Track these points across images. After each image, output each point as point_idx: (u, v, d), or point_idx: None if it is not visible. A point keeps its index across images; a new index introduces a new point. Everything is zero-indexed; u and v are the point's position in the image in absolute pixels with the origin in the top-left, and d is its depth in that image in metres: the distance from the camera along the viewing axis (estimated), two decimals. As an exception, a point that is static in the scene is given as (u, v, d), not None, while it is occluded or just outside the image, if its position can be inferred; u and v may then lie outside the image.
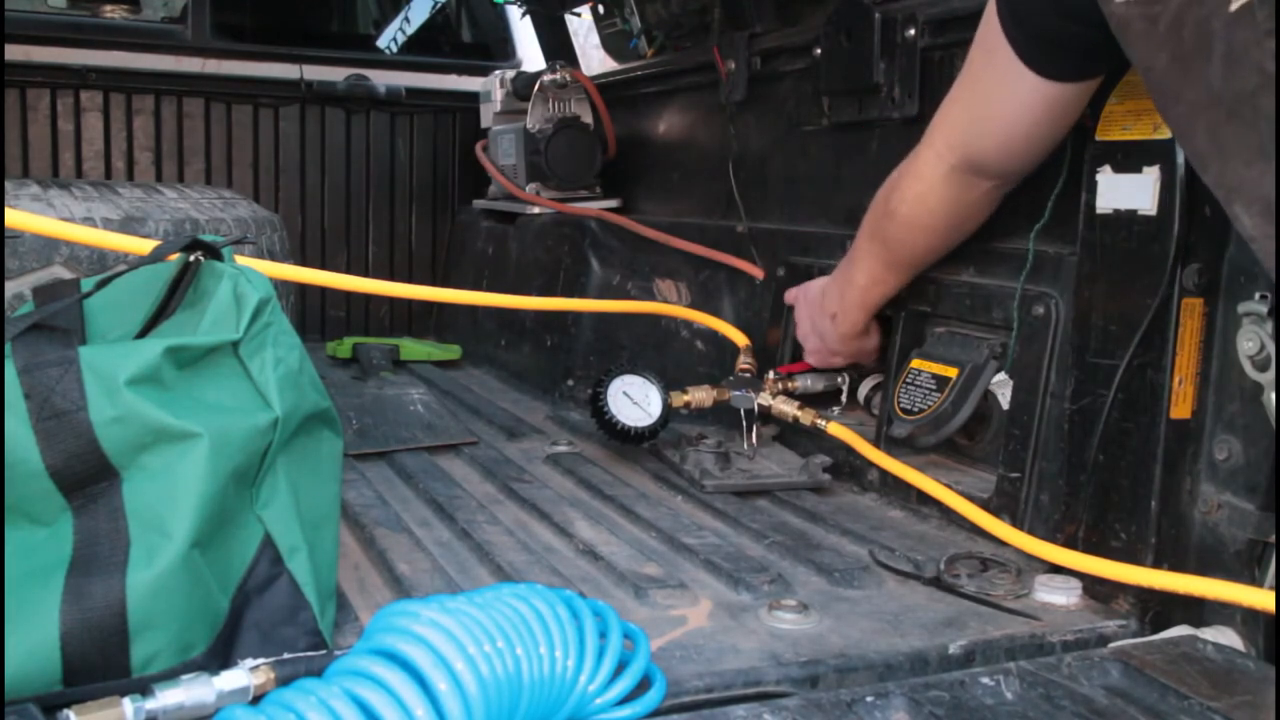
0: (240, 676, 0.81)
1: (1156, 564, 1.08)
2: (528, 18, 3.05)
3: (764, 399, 1.62)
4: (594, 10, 2.79)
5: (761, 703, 0.84)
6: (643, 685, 0.87)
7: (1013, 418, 1.30)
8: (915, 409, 1.40)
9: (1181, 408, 1.08)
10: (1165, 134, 1.07)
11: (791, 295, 1.69)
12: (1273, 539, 1.01)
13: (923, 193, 1.33)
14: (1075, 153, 1.23)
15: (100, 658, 0.80)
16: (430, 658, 0.75)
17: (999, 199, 1.33)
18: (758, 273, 1.88)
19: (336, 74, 2.89)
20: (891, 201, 1.37)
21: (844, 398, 1.67)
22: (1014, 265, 1.33)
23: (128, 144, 2.74)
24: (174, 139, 2.78)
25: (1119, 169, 1.12)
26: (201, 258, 1.00)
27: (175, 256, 1.02)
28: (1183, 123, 0.89)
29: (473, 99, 2.84)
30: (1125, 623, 1.08)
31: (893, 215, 1.37)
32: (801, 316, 1.64)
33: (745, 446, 1.61)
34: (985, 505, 1.29)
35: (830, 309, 1.55)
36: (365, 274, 2.91)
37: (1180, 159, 1.06)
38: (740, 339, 1.77)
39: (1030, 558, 1.19)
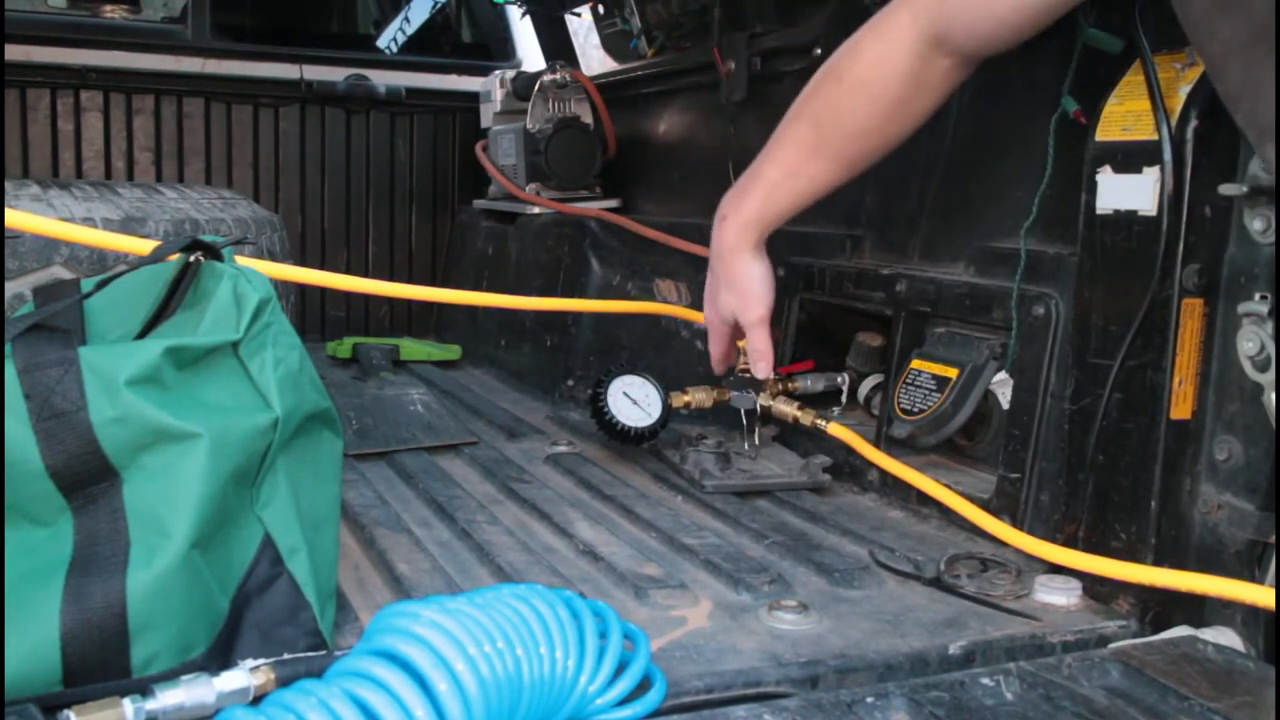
0: (240, 677, 0.81)
1: (1157, 564, 1.08)
2: (528, 18, 3.05)
3: (764, 399, 1.62)
4: (594, 10, 2.79)
5: (761, 703, 0.84)
6: (643, 686, 0.87)
7: (1013, 418, 1.30)
8: (915, 409, 1.40)
9: (1182, 408, 1.08)
10: (1165, 134, 1.07)
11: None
12: (1273, 539, 1.01)
13: (883, 54, 1.23)
14: (1064, 150, 1.23)
15: (100, 658, 0.80)
16: (430, 658, 0.75)
17: (947, 87, 1.26)
18: (758, 273, 1.88)
19: (336, 74, 2.89)
20: (841, 64, 1.26)
21: (844, 398, 1.67)
22: (1014, 265, 1.33)
23: (128, 144, 2.74)
24: (174, 139, 2.78)
25: (1119, 169, 1.12)
26: (201, 258, 1.00)
27: (175, 257, 1.02)
28: (1218, 60, 0.89)
29: (473, 99, 2.84)
30: (1125, 623, 1.08)
31: (839, 78, 1.26)
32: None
33: (745, 446, 1.61)
34: (985, 505, 1.29)
35: (721, 211, 1.39)
36: (365, 274, 2.92)
37: (1177, 158, 1.06)
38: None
39: (1030, 558, 1.19)
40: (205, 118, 2.81)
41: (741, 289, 1.42)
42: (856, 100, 1.25)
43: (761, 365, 1.49)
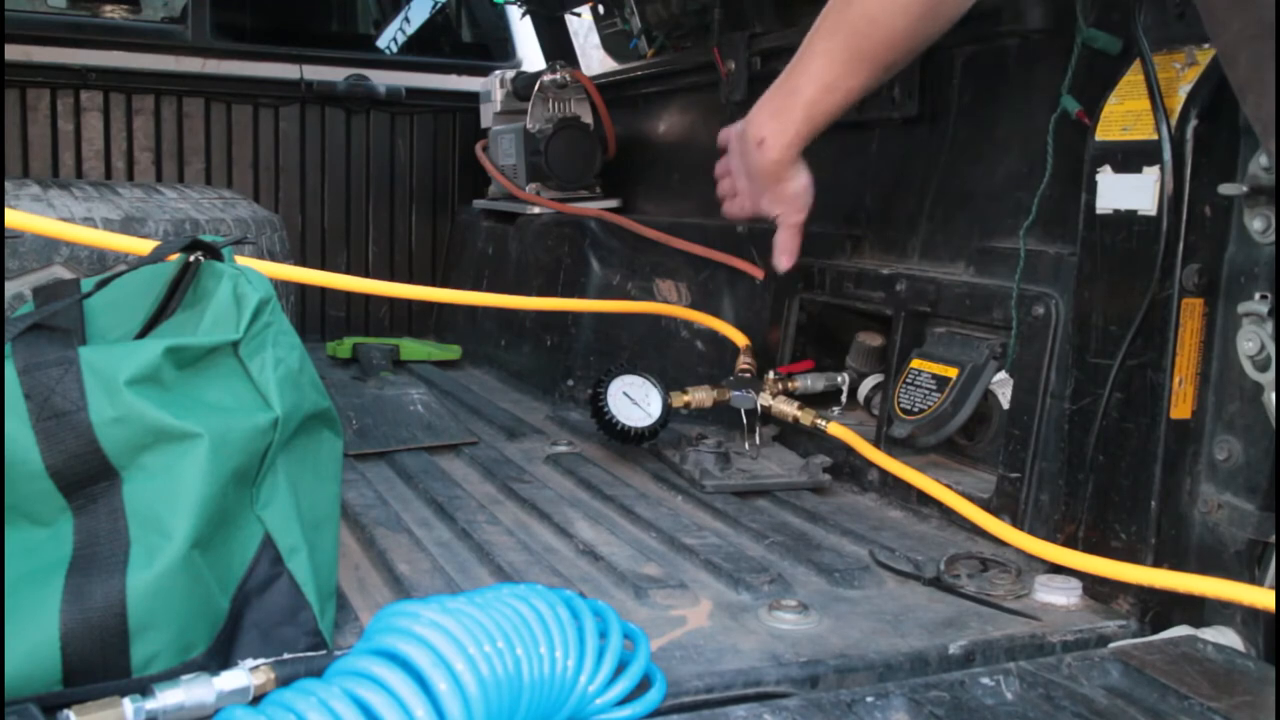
0: (240, 677, 0.81)
1: (1157, 564, 1.08)
2: (528, 18, 3.05)
3: (764, 399, 1.62)
4: (594, 10, 2.80)
5: (761, 703, 0.84)
6: (643, 685, 0.87)
7: (1013, 418, 1.30)
8: (915, 409, 1.40)
9: (1182, 408, 1.08)
10: (1165, 134, 1.07)
11: (724, 135, 1.55)
12: (1273, 539, 1.01)
13: None
14: (1064, 150, 1.23)
15: (100, 658, 0.80)
16: (430, 658, 0.75)
17: None
18: (758, 273, 1.88)
19: (336, 74, 2.89)
20: None
21: (844, 398, 1.67)
22: (1014, 265, 1.33)
23: (128, 144, 2.74)
24: (174, 139, 2.78)
25: (1119, 169, 1.12)
26: (201, 258, 1.00)
27: (175, 257, 1.02)
28: (1229, 50, 0.89)
29: (473, 99, 2.84)
30: (1125, 623, 1.08)
31: None
32: (730, 155, 1.50)
33: (745, 446, 1.61)
34: (985, 505, 1.29)
35: (759, 133, 1.40)
36: (365, 274, 2.92)
37: (1177, 158, 1.06)
38: (740, 339, 1.77)
39: (1030, 558, 1.19)
40: (205, 118, 2.81)
41: (789, 199, 1.45)
42: (894, 7, 1.23)
43: (784, 259, 1.52)
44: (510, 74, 2.68)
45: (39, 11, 2.85)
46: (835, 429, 1.52)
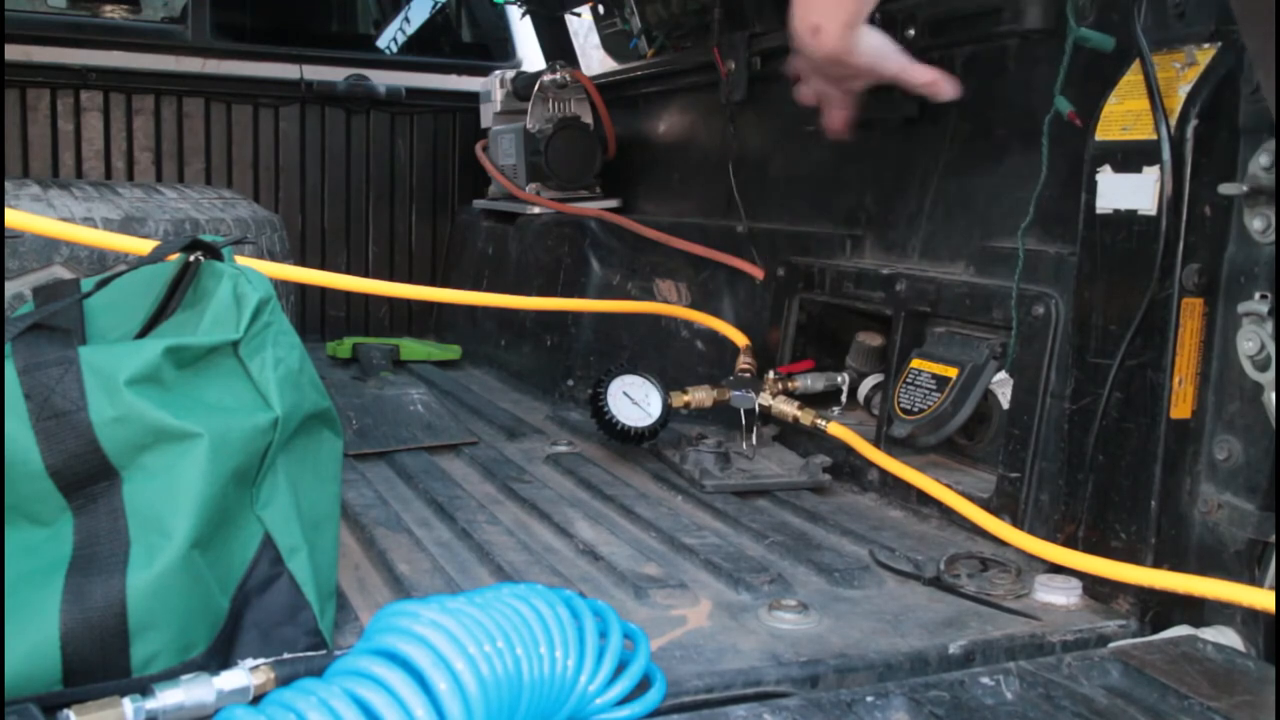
0: (240, 676, 0.81)
1: (1156, 564, 1.08)
2: (528, 18, 3.05)
3: (764, 399, 1.62)
4: (594, 10, 2.80)
5: (761, 703, 0.84)
6: (643, 685, 0.87)
7: (1013, 418, 1.30)
8: (915, 409, 1.40)
9: (1181, 408, 1.08)
10: (1164, 134, 1.07)
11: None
12: (1273, 539, 1.01)
13: None
14: (1064, 149, 1.23)
15: (100, 658, 0.80)
16: (430, 658, 0.75)
17: None
18: (758, 273, 1.88)
19: (336, 74, 2.89)
20: None
21: (844, 398, 1.67)
22: (1013, 265, 1.33)
23: (128, 144, 2.74)
24: (174, 139, 2.78)
25: (1119, 169, 1.12)
26: (201, 258, 1.00)
27: (175, 257, 1.02)
28: (1246, 20, 0.89)
29: (473, 99, 2.84)
30: (1125, 623, 1.08)
31: None
32: (795, 50, 1.38)
33: (745, 446, 1.61)
34: (985, 505, 1.29)
35: (811, 20, 1.28)
36: (365, 274, 2.92)
37: (1177, 157, 1.06)
38: (740, 339, 1.77)
39: (1030, 558, 1.19)
40: (205, 118, 2.81)
41: (870, 65, 1.33)
42: None
43: (943, 85, 1.36)
44: (510, 74, 2.68)
45: (39, 11, 2.85)
46: (835, 429, 1.52)
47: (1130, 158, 1.11)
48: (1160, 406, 1.08)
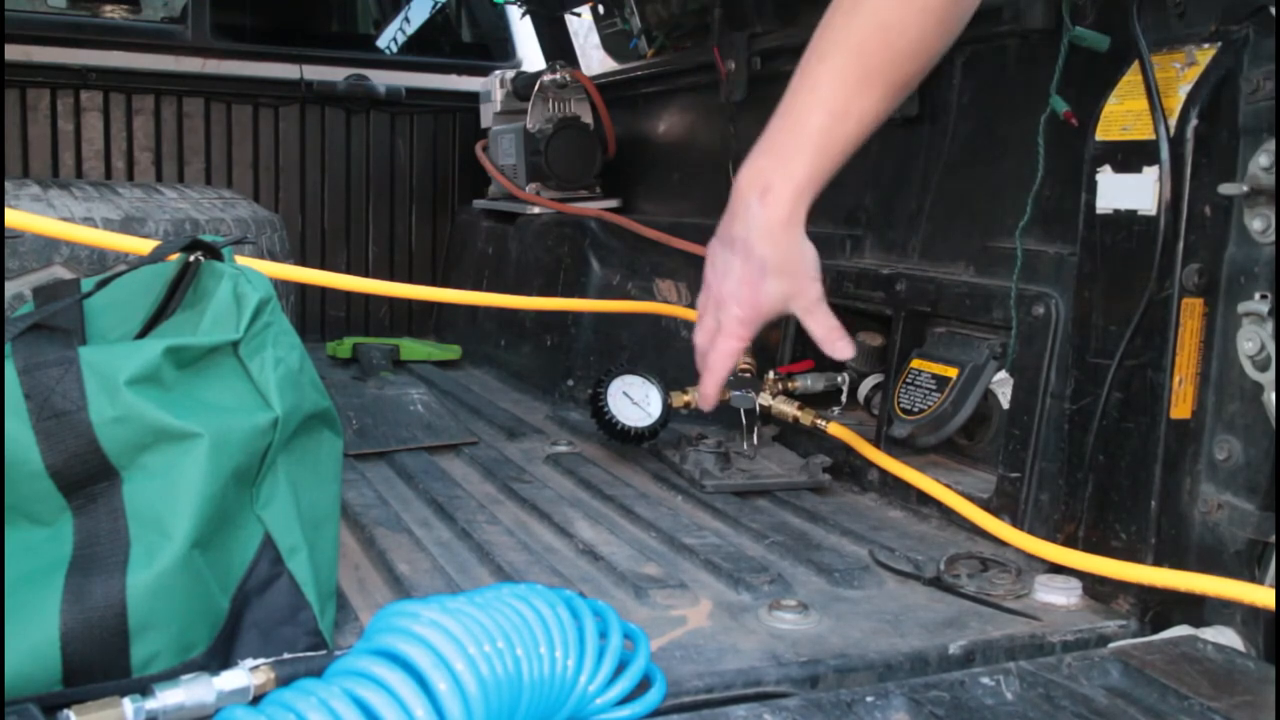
0: (240, 676, 0.81)
1: (1157, 564, 1.08)
2: (528, 18, 3.05)
3: (764, 399, 1.61)
4: (594, 10, 2.79)
5: (761, 703, 0.84)
6: (643, 685, 0.87)
7: (1013, 418, 1.30)
8: (915, 409, 1.40)
9: (1181, 408, 1.08)
10: (1163, 134, 1.07)
11: (712, 244, 1.27)
12: (1273, 539, 1.01)
13: None
14: (1064, 149, 1.23)
15: (100, 658, 0.80)
16: (430, 658, 0.75)
17: None
18: (758, 273, 1.88)
19: (336, 74, 2.89)
20: None
21: (844, 398, 1.67)
22: (1014, 265, 1.33)
23: (128, 144, 2.74)
24: (174, 139, 2.78)
25: (1119, 169, 1.12)
26: (201, 258, 1.00)
27: (175, 257, 1.02)
28: None
29: (473, 99, 2.84)
30: (1125, 623, 1.08)
31: None
32: (711, 254, 1.24)
33: (745, 446, 1.61)
34: (985, 505, 1.29)
35: (762, 181, 1.15)
36: (365, 274, 2.92)
37: (1177, 158, 1.06)
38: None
39: (1030, 558, 1.19)
40: (205, 118, 2.81)
41: (796, 270, 1.19)
42: (907, 12, 1.08)
43: (841, 344, 1.23)
44: (510, 74, 2.68)
45: (39, 11, 2.85)
46: (835, 429, 1.52)
47: (1130, 158, 1.11)
48: (1160, 406, 1.08)
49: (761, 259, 1.17)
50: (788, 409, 1.58)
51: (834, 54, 1.10)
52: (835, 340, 1.23)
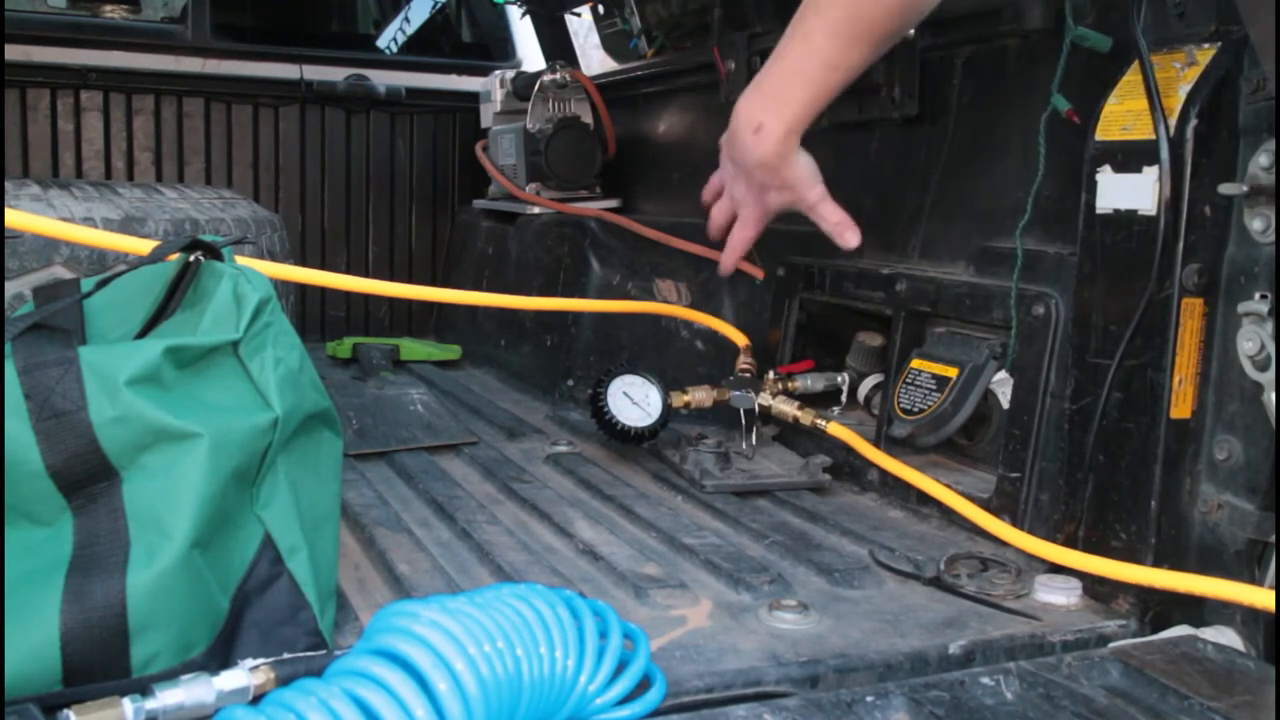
0: (240, 676, 0.81)
1: (1156, 564, 1.08)
2: (528, 18, 3.05)
3: (764, 399, 1.62)
4: (594, 10, 2.79)
5: (761, 703, 0.84)
6: (643, 685, 0.87)
7: (1013, 418, 1.30)
8: (915, 409, 1.40)
9: (1181, 408, 1.08)
10: (1163, 134, 1.07)
11: (724, 141, 1.44)
12: (1273, 539, 1.01)
13: None
14: (1064, 149, 1.23)
15: (100, 658, 0.80)
16: (430, 658, 0.75)
17: None
18: (758, 273, 1.88)
19: (336, 74, 2.89)
20: None
21: (844, 398, 1.67)
22: (1014, 265, 1.33)
23: (128, 144, 2.74)
24: (174, 139, 2.78)
25: (1119, 169, 1.12)
26: (201, 258, 1.00)
27: (175, 256, 1.02)
28: (1248, 6, 0.90)
29: (473, 99, 2.84)
30: (1125, 623, 1.08)
31: None
32: (722, 166, 1.41)
33: (745, 446, 1.61)
34: (985, 505, 1.29)
35: (754, 119, 1.30)
36: (365, 274, 2.92)
37: (1176, 158, 1.06)
38: (740, 339, 1.77)
39: (1030, 558, 1.19)
40: (205, 118, 2.81)
41: (796, 183, 1.35)
42: None
43: (849, 234, 1.38)
44: (510, 74, 2.68)
45: (39, 11, 2.85)
46: (835, 429, 1.52)
47: (1130, 158, 1.11)
48: (1160, 406, 1.08)
49: (761, 181, 1.34)
50: (788, 409, 1.58)
51: (829, 8, 1.20)
52: (844, 231, 1.39)
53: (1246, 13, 0.92)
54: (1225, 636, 1.02)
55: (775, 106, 1.27)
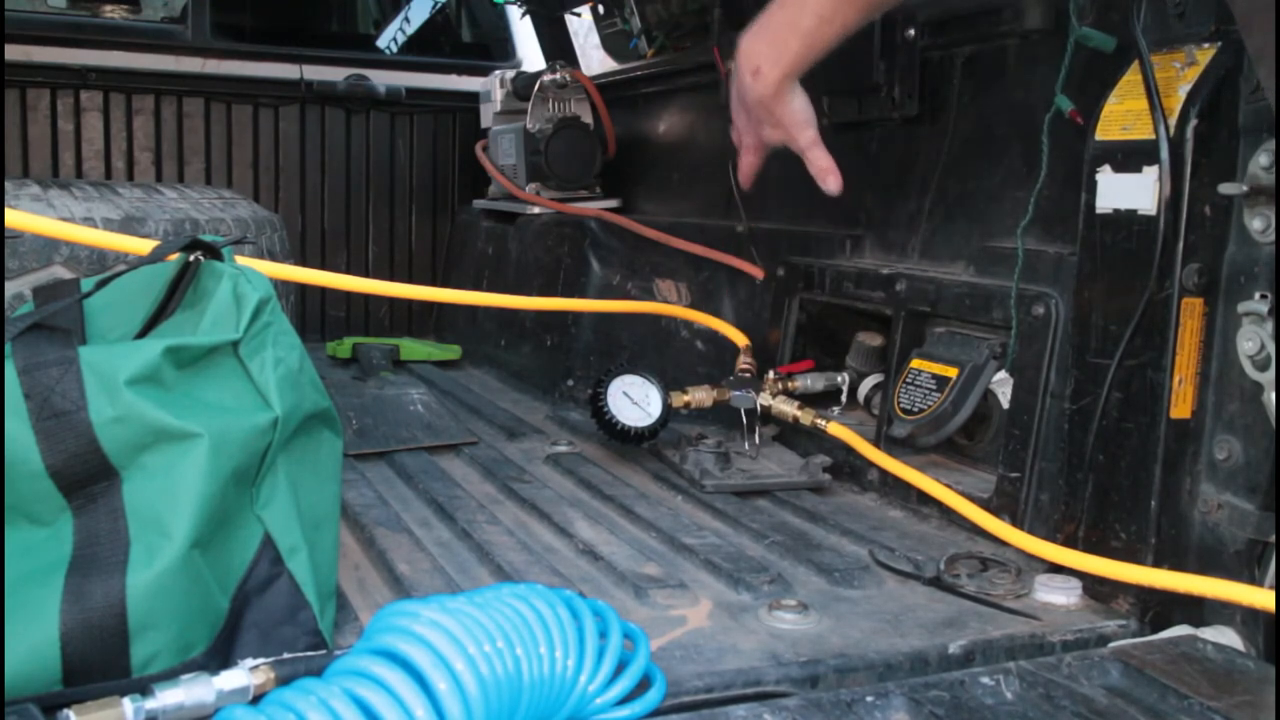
0: (240, 676, 0.81)
1: (1156, 564, 1.08)
2: (528, 18, 3.05)
3: (764, 399, 1.62)
4: (594, 10, 2.79)
5: (761, 703, 0.84)
6: (643, 685, 0.87)
7: (1013, 418, 1.30)
8: (915, 409, 1.40)
9: (1181, 408, 1.08)
10: (1163, 134, 1.07)
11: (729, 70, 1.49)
12: (1273, 539, 1.01)
13: None
14: (1064, 149, 1.23)
15: (100, 658, 0.80)
16: (430, 658, 0.75)
17: None
18: (758, 273, 1.88)
19: (336, 74, 2.89)
20: None
21: (844, 398, 1.67)
22: (1013, 265, 1.33)
23: (128, 144, 2.74)
24: (174, 139, 2.78)
25: (1119, 169, 1.12)
26: (201, 258, 1.00)
27: (175, 256, 1.02)
28: (1245, 16, 0.91)
29: (473, 99, 2.84)
30: (1125, 623, 1.08)
31: None
32: (730, 89, 1.48)
33: (747, 446, 1.61)
34: (985, 505, 1.29)
35: (752, 62, 1.37)
36: (365, 274, 2.92)
37: (1176, 157, 1.06)
38: (740, 339, 1.77)
39: (1030, 557, 1.19)
40: (205, 118, 2.81)
41: (790, 122, 1.41)
42: None
43: (831, 180, 1.44)
44: (510, 74, 2.68)
45: (39, 11, 2.85)
46: (835, 429, 1.52)
47: (1130, 157, 1.11)
48: (1160, 406, 1.08)
49: (757, 117, 1.41)
50: (788, 409, 1.58)
51: None
52: (827, 177, 1.44)
53: (1243, 23, 0.93)
54: (1225, 636, 1.02)
55: (772, 54, 1.33)
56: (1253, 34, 0.90)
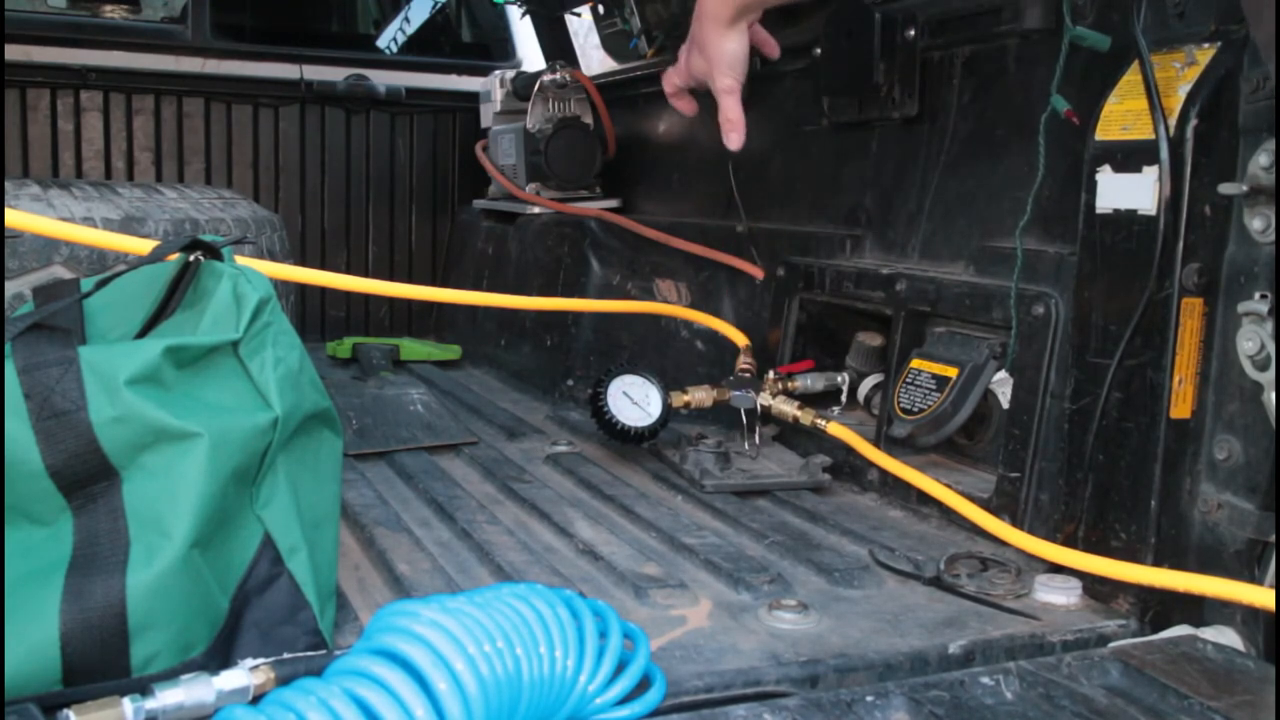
0: (240, 676, 0.81)
1: (1156, 563, 1.08)
2: (528, 18, 3.05)
3: (764, 399, 1.62)
4: (594, 10, 2.79)
5: (761, 703, 0.84)
6: (643, 685, 0.87)
7: (1013, 417, 1.30)
8: (915, 409, 1.40)
9: (1181, 407, 1.08)
10: (1162, 133, 1.07)
11: None
12: (1273, 539, 1.01)
13: None
14: (1064, 149, 1.23)
15: (100, 658, 0.80)
16: (430, 657, 0.75)
17: None
18: (758, 273, 1.88)
19: (336, 74, 2.89)
20: None
21: (844, 398, 1.67)
22: (1013, 264, 1.33)
23: (128, 144, 2.74)
24: (174, 139, 2.78)
25: (1119, 168, 1.12)
26: (201, 258, 1.00)
27: (175, 256, 1.02)
28: (1253, 7, 0.91)
29: (473, 99, 2.84)
30: (1125, 622, 1.08)
31: None
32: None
33: (748, 446, 1.61)
34: (985, 505, 1.29)
35: (704, 4, 1.43)
36: (365, 274, 2.92)
37: (1176, 157, 1.06)
38: (740, 339, 1.77)
39: (1030, 557, 1.19)
40: (205, 118, 2.81)
41: (712, 56, 1.44)
42: None
43: (733, 136, 1.48)
44: (510, 74, 2.68)
45: (39, 11, 2.85)
46: (835, 429, 1.52)
47: (1130, 157, 1.11)
48: (1160, 406, 1.08)
49: (692, 36, 1.46)
50: (788, 409, 1.58)
51: None
52: (729, 131, 1.49)
53: (1251, 13, 0.93)
54: (1225, 636, 1.02)
55: None
56: (1261, 25, 0.91)
